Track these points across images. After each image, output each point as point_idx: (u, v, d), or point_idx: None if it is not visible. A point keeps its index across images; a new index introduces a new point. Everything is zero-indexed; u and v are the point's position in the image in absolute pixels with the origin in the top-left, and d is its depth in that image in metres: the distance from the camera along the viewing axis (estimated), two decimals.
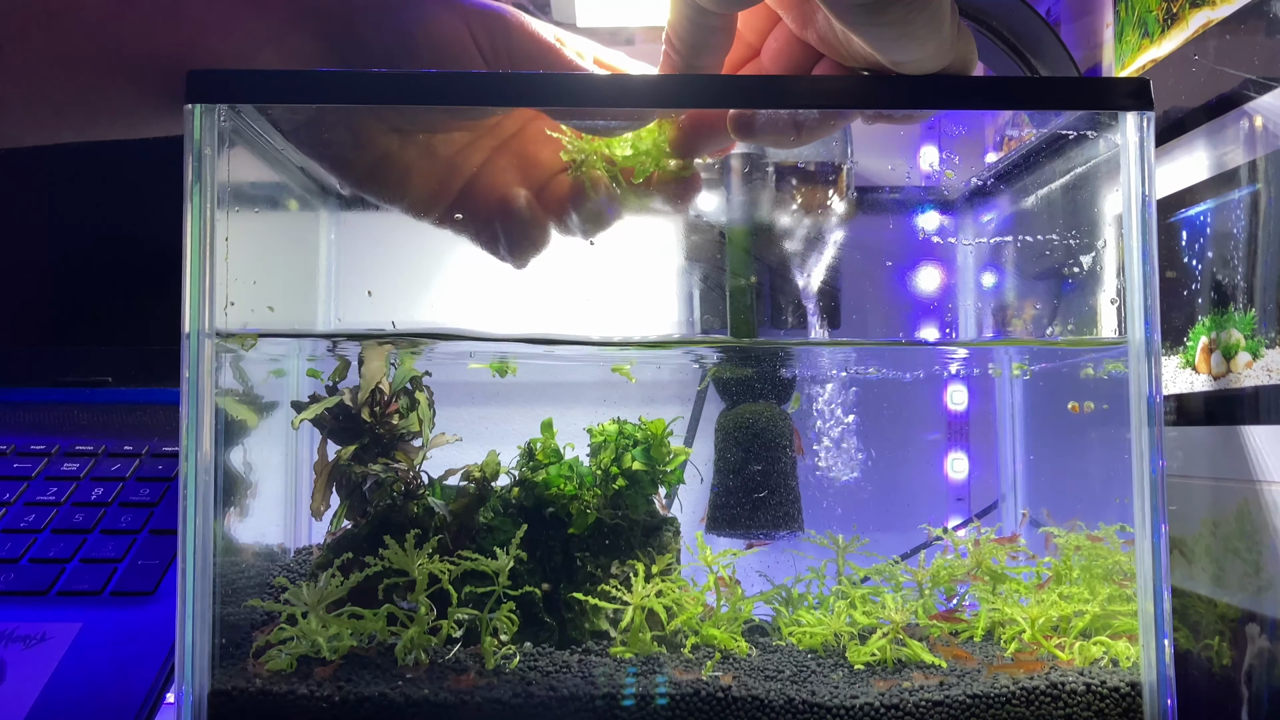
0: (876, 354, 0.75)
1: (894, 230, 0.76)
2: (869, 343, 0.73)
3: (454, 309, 0.69)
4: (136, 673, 0.59)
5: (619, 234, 0.64)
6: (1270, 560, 0.58)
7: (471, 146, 0.61)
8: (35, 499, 0.73)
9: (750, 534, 0.73)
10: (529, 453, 0.67)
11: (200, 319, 0.54)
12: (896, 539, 0.74)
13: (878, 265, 0.72)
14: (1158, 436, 0.55)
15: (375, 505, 0.63)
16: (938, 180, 0.80)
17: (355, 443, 0.66)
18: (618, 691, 0.55)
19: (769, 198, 0.70)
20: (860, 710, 0.54)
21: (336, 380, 0.67)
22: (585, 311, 0.67)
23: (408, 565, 0.59)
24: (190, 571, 0.53)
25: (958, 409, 0.90)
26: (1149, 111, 0.56)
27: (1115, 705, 0.55)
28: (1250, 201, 0.59)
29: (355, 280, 0.80)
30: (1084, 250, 0.68)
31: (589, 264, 0.64)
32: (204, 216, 0.54)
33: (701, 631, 0.62)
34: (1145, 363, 0.56)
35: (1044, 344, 0.75)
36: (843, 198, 0.70)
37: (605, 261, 0.63)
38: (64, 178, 0.91)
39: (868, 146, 0.71)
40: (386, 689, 0.54)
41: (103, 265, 0.91)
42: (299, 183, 0.73)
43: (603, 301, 0.67)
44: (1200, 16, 0.65)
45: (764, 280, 0.71)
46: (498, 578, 0.60)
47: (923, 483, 0.89)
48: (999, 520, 0.85)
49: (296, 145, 0.62)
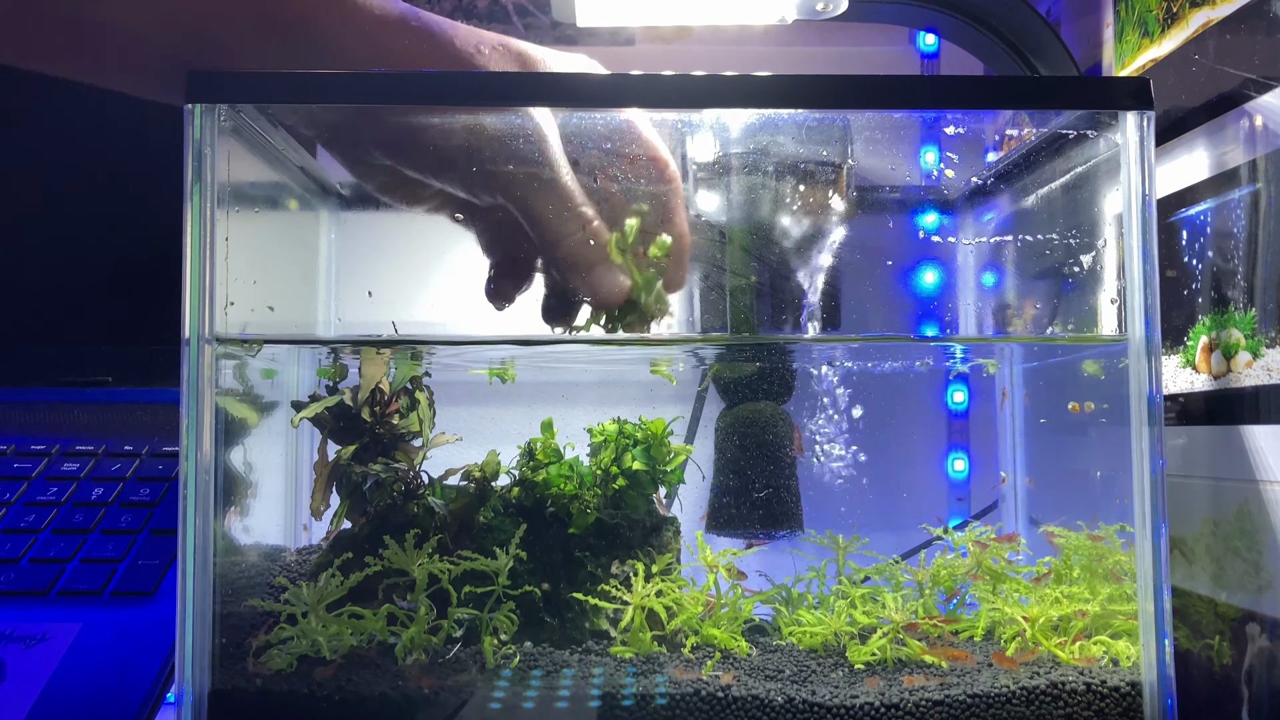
0: (877, 354, 0.74)
1: (894, 230, 0.76)
2: (869, 338, 0.73)
3: (454, 308, 0.69)
4: (136, 673, 0.59)
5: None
6: (1270, 560, 0.58)
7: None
8: (35, 499, 0.73)
9: (750, 533, 0.73)
10: (529, 452, 0.67)
11: (200, 318, 0.54)
12: (896, 539, 0.74)
13: (878, 265, 0.72)
14: (1158, 436, 0.55)
15: (375, 505, 0.63)
16: (938, 180, 0.80)
17: (355, 442, 0.65)
18: (618, 691, 0.55)
19: (769, 198, 0.70)
20: (860, 710, 0.54)
21: (336, 380, 0.67)
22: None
23: (408, 565, 0.59)
24: (190, 571, 0.53)
25: (958, 408, 0.90)
26: (1149, 111, 0.56)
27: (1115, 705, 0.55)
28: (1250, 201, 0.59)
29: (355, 280, 0.80)
30: (1084, 250, 0.68)
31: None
32: (204, 216, 0.54)
33: (701, 631, 0.62)
34: (1145, 362, 0.56)
35: (1044, 340, 0.75)
36: (843, 198, 0.70)
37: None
38: (64, 177, 0.91)
39: (868, 146, 0.71)
40: (387, 689, 0.54)
41: (103, 265, 0.91)
42: (299, 182, 0.73)
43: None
44: (1200, 16, 0.65)
45: (764, 280, 0.71)
46: (497, 577, 0.60)
47: (923, 482, 0.89)
48: (999, 520, 0.84)
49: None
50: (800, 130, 0.68)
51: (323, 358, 0.69)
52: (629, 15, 0.84)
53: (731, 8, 0.83)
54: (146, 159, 0.81)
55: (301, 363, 0.72)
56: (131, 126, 0.88)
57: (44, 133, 0.91)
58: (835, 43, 1.02)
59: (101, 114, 0.89)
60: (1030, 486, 0.83)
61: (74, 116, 0.89)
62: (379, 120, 0.59)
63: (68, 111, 0.89)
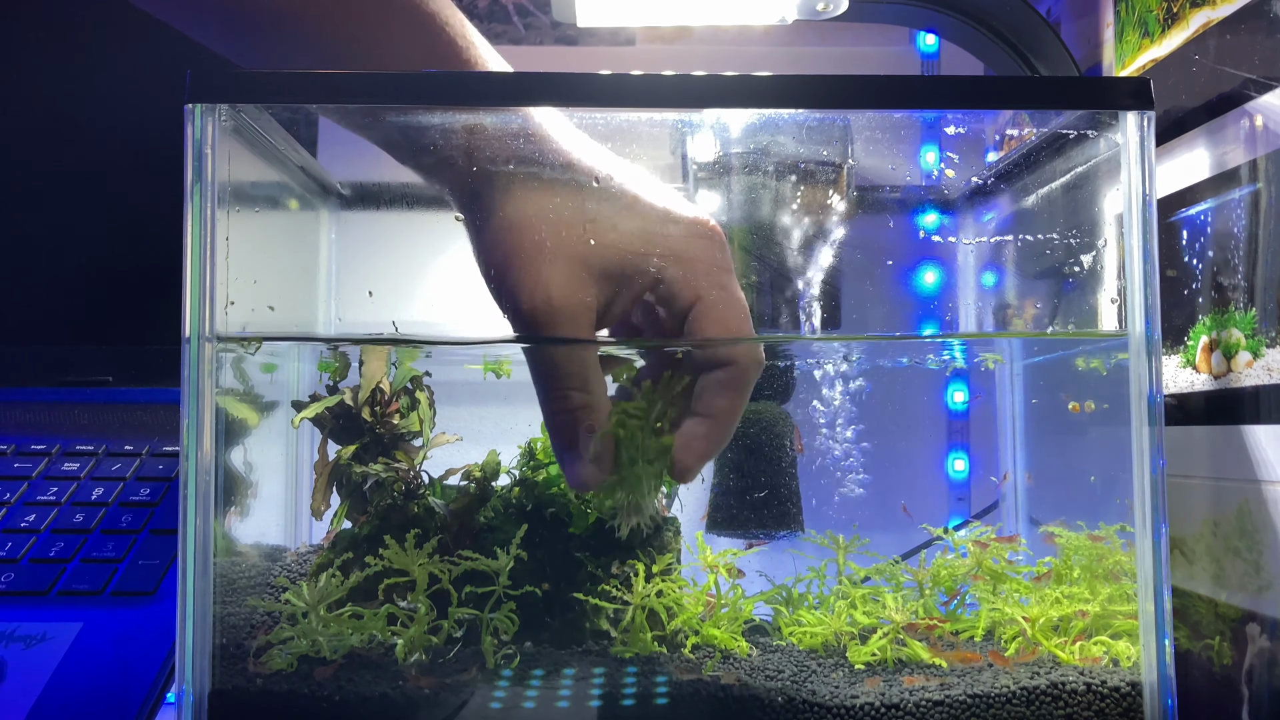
0: (877, 354, 0.74)
1: (894, 230, 0.76)
2: (869, 337, 0.73)
3: (453, 307, 0.69)
4: (136, 673, 0.59)
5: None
6: (1270, 560, 0.58)
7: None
8: (35, 499, 0.73)
9: (750, 534, 0.73)
10: (529, 452, 0.67)
11: (201, 318, 0.54)
12: (896, 539, 0.74)
13: (878, 265, 0.72)
14: (1158, 436, 0.55)
15: (375, 505, 0.63)
16: (938, 180, 0.80)
17: (355, 443, 0.65)
18: (618, 691, 0.55)
19: (769, 198, 0.70)
20: (860, 710, 0.54)
21: (337, 380, 0.67)
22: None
23: (408, 565, 0.59)
24: (190, 571, 0.53)
25: (958, 408, 0.90)
26: (1149, 111, 0.56)
27: (1116, 705, 0.55)
28: (1250, 201, 0.59)
29: (355, 280, 0.80)
30: (1084, 250, 0.68)
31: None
32: (204, 216, 0.54)
33: (702, 631, 0.62)
34: (1146, 362, 0.56)
35: (1043, 335, 0.75)
36: (843, 198, 0.70)
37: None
38: (64, 177, 0.91)
39: (868, 146, 0.71)
40: (387, 689, 0.54)
41: (103, 265, 0.91)
42: (299, 182, 0.73)
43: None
44: (1200, 16, 0.65)
45: (764, 280, 0.71)
46: (498, 577, 0.60)
47: (923, 482, 0.89)
48: (999, 520, 0.84)
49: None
50: (800, 130, 0.68)
51: (324, 350, 0.69)
52: (629, 15, 0.84)
53: (731, 8, 0.83)
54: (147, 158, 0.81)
55: (302, 360, 0.72)
56: (132, 125, 0.88)
57: (44, 132, 0.91)
58: (835, 43, 1.02)
59: (102, 113, 0.89)
60: (1029, 484, 0.83)
61: (74, 116, 0.89)
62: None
63: (68, 111, 0.89)
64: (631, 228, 0.54)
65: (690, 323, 0.54)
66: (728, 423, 0.55)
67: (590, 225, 0.54)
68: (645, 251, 0.54)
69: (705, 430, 0.55)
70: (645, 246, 0.54)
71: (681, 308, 0.54)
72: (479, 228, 0.55)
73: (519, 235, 0.54)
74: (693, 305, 0.54)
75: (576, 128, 0.57)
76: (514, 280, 0.54)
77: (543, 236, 0.53)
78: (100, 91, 0.88)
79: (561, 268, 0.53)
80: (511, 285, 0.54)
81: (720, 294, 0.54)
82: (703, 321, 0.54)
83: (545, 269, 0.53)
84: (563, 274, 0.53)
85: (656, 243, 0.54)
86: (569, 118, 0.57)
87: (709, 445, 0.55)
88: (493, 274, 0.55)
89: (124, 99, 0.88)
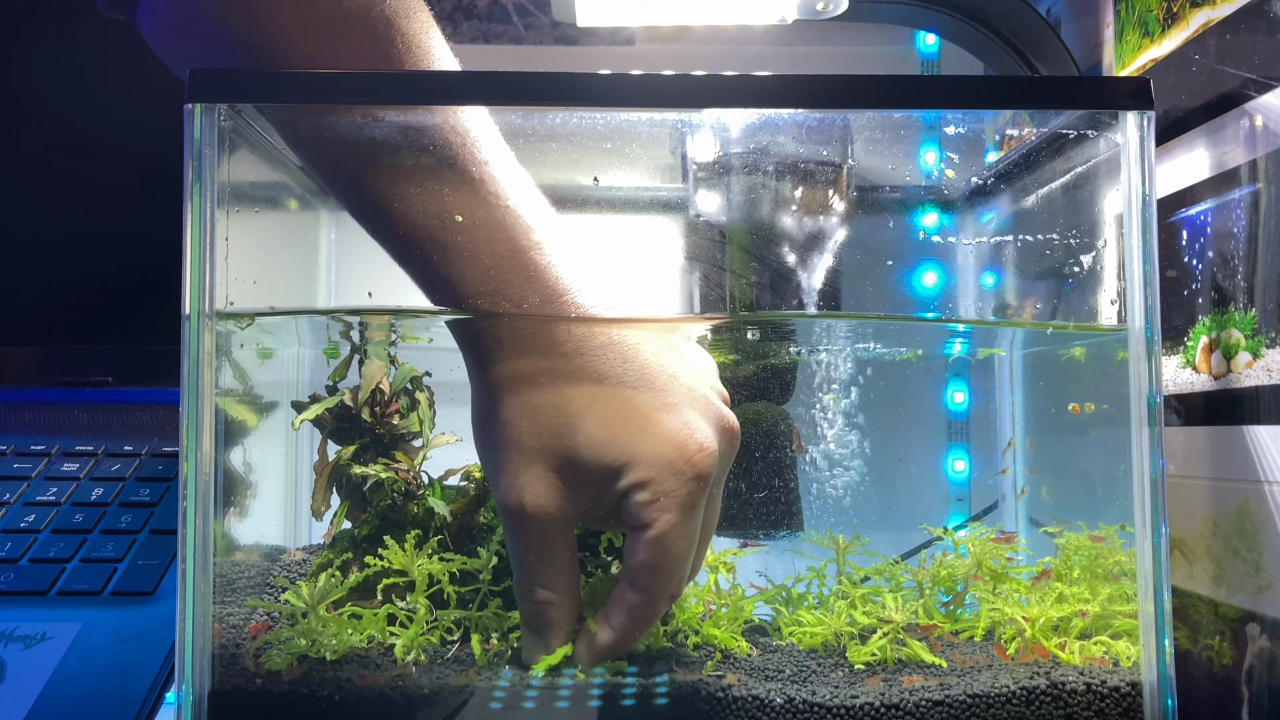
0: (876, 353, 0.74)
1: (894, 230, 0.76)
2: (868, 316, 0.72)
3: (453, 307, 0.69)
4: (136, 673, 0.59)
5: (619, 234, 0.64)
6: (1270, 560, 0.58)
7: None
8: (35, 499, 0.73)
9: (750, 533, 0.73)
10: None
11: (200, 318, 0.54)
12: (896, 539, 0.74)
13: (878, 265, 0.72)
14: (1158, 436, 0.55)
15: (375, 505, 0.63)
16: (938, 180, 0.80)
17: (355, 443, 0.65)
18: (617, 691, 0.54)
19: (769, 198, 0.70)
20: (860, 710, 0.54)
21: (337, 380, 0.67)
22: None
23: (408, 566, 0.59)
24: (190, 571, 0.53)
25: (958, 408, 0.90)
26: (1149, 111, 0.56)
27: (1115, 705, 0.55)
28: (1250, 201, 0.59)
29: (355, 280, 0.80)
30: (1084, 250, 0.68)
31: (587, 262, 0.64)
32: (204, 216, 0.54)
33: (702, 631, 0.62)
34: (1146, 362, 0.56)
35: (1042, 326, 0.75)
36: (843, 198, 0.70)
37: (605, 260, 0.63)
38: (64, 177, 0.91)
39: (868, 146, 0.71)
40: (387, 689, 0.54)
41: (103, 265, 0.91)
42: (299, 182, 0.73)
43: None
44: (1200, 16, 0.65)
45: (764, 280, 0.71)
46: (479, 575, 0.60)
47: (923, 482, 0.89)
48: (999, 520, 0.84)
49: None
50: (800, 130, 0.68)
51: (330, 325, 0.69)
52: (629, 15, 0.84)
53: (731, 8, 0.83)
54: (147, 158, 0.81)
55: (302, 362, 0.72)
56: (132, 125, 0.88)
57: (44, 132, 0.91)
58: (835, 43, 1.02)
59: (102, 112, 0.89)
60: (1032, 476, 0.83)
61: (74, 115, 0.89)
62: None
63: (68, 110, 0.89)
64: (617, 440, 0.54)
65: (626, 543, 0.55)
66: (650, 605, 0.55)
67: (578, 431, 0.54)
68: (619, 467, 0.54)
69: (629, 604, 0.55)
70: (621, 462, 0.53)
71: (631, 527, 0.55)
72: (474, 384, 0.57)
73: (503, 429, 0.55)
74: (642, 530, 0.54)
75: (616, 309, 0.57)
76: (491, 471, 0.56)
77: (524, 435, 0.54)
78: (100, 91, 0.88)
79: (538, 474, 0.54)
80: (490, 472, 0.56)
81: (670, 526, 0.54)
82: (634, 547, 0.54)
83: (522, 475, 0.54)
84: (539, 482, 0.54)
85: (634, 467, 0.53)
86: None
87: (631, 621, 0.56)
88: (476, 443, 0.57)
89: (124, 99, 0.88)
